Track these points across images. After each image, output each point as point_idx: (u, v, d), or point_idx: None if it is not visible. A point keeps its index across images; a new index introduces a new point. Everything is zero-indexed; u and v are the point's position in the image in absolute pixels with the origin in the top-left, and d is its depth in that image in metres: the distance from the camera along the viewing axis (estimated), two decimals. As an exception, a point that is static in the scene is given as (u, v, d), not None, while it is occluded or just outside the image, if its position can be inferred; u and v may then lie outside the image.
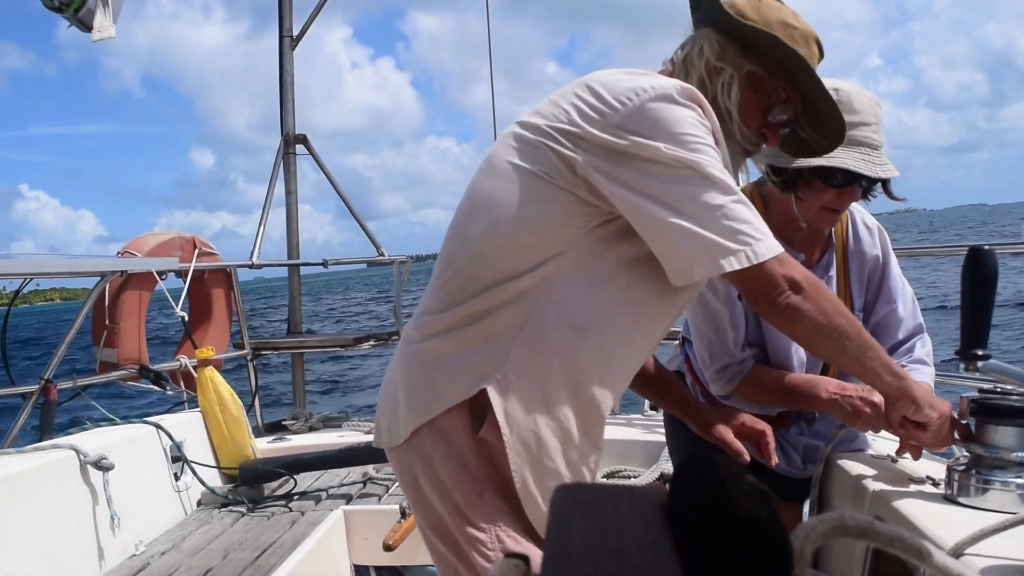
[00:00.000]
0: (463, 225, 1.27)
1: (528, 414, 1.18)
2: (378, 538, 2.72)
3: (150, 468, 2.78)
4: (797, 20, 1.31)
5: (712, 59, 1.29)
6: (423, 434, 1.22)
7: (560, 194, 1.17)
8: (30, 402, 2.82)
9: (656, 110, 1.14)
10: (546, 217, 1.18)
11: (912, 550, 0.49)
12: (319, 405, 10.18)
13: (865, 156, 1.58)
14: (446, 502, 1.22)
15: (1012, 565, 1.08)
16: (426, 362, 1.24)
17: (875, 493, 1.53)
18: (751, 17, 1.28)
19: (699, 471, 0.46)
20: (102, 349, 4.30)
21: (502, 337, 1.20)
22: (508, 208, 1.20)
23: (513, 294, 1.19)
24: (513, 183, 1.20)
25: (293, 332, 4.73)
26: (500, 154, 1.24)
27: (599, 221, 1.19)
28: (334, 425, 3.86)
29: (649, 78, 1.18)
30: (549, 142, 1.18)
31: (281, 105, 4.72)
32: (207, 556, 2.47)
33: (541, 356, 1.19)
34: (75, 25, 3.67)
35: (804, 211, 1.68)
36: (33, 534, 2.11)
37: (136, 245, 4.50)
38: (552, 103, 1.22)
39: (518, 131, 1.24)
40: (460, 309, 1.22)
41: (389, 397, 1.30)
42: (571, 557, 0.38)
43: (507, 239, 1.20)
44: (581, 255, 1.20)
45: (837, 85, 1.61)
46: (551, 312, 1.19)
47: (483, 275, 1.21)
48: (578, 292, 1.19)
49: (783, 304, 1.19)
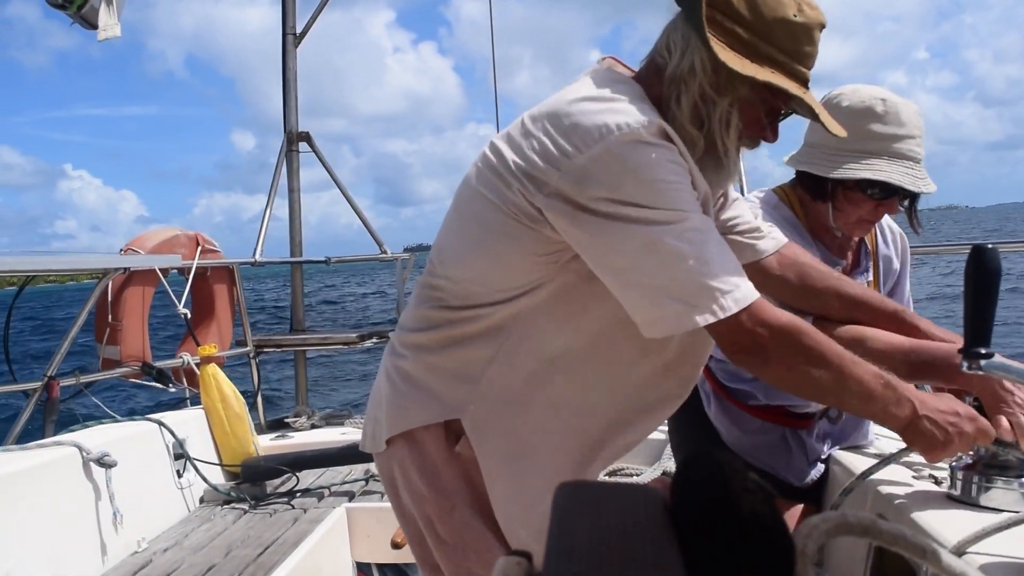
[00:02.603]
0: (443, 246, 1.23)
1: (501, 448, 1.19)
2: (380, 535, 2.73)
3: (153, 465, 2.79)
4: (801, 11, 1.11)
5: (707, 87, 1.12)
6: (400, 444, 1.23)
7: (528, 232, 1.10)
8: (33, 399, 2.83)
9: (623, 156, 1.03)
10: (515, 252, 1.13)
11: (915, 548, 0.49)
12: (321, 402, 10.19)
13: (908, 170, 1.56)
14: (420, 512, 1.23)
15: (1015, 564, 1.08)
16: (402, 379, 1.24)
17: (877, 491, 1.53)
18: (743, 16, 1.10)
19: (702, 469, 0.46)
20: (105, 346, 4.31)
21: (474, 368, 1.18)
22: (476, 238, 1.15)
23: (485, 325, 1.17)
24: (481, 212, 1.14)
25: (296, 330, 4.73)
26: (472, 177, 1.18)
27: (572, 255, 1.12)
28: (336, 422, 3.87)
29: (617, 113, 1.06)
30: (514, 181, 1.09)
31: (284, 102, 4.71)
32: (209, 553, 2.47)
33: (512, 392, 1.18)
34: (78, 23, 3.66)
35: (841, 220, 1.66)
36: (36, 531, 2.11)
37: (139, 242, 4.51)
38: (523, 131, 1.12)
39: (489, 156, 1.15)
40: (433, 333, 1.21)
41: (375, 403, 1.31)
42: (574, 555, 0.38)
43: (477, 268, 1.16)
44: (555, 290, 1.15)
45: (883, 95, 1.58)
46: (524, 346, 1.17)
47: (456, 301, 1.19)
48: (552, 326, 1.16)
49: (753, 357, 1.09)
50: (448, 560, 1.23)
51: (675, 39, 1.15)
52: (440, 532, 1.21)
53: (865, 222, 1.66)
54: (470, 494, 1.21)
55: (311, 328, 4.99)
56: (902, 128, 1.56)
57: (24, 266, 2.86)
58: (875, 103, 1.57)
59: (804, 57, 1.14)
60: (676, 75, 1.13)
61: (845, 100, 1.60)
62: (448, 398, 1.20)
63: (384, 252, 4.72)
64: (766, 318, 1.07)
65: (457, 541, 1.21)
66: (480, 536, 1.20)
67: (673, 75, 1.14)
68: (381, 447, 1.27)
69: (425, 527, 1.23)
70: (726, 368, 1.86)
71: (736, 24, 1.10)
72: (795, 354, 1.09)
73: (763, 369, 1.11)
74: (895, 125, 1.55)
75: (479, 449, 1.19)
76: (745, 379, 1.84)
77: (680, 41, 1.14)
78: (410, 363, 1.24)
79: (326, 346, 4.57)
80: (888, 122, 1.56)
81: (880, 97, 1.58)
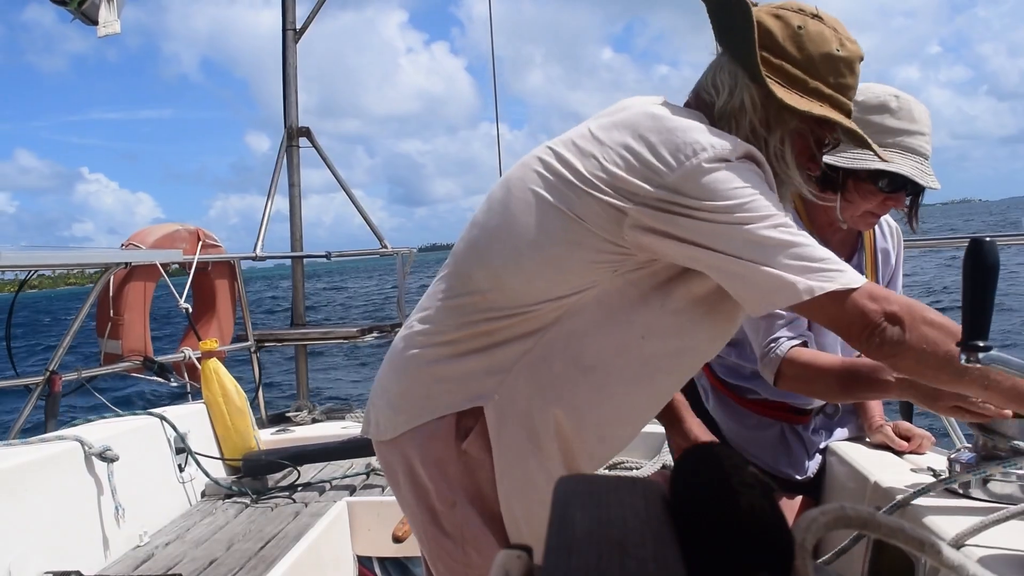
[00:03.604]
0: (484, 246, 1.22)
1: (519, 442, 1.19)
2: (381, 529, 2.74)
3: (154, 459, 2.80)
4: (843, 45, 1.19)
5: (757, 122, 1.18)
6: (408, 436, 1.23)
7: (594, 239, 1.12)
8: (35, 394, 2.83)
9: (713, 171, 1.07)
10: (575, 259, 1.13)
11: (913, 541, 0.49)
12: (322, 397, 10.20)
13: (918, 165, 1.58)
14: (422, 505, 1.24)
15: (1012, 555, 1.09)
16: (425, 369, 1.23)
17: (876, 484, 1.54)
18: (791, 54, 1.16)
19: (701, 463, 0.46)
20: (107, 341, 4.31)
21: (506, 360, 1.18)
22: (533, 242, 1.15)
23: (529, 324, 1.17)
24: (541, 217, 1.15)
25: (296, 324, 4.73)
26: (527, 181, 1.18)
27: (631, 268, 1.14)
28: (337, 417, 3.88)
29: (704, 134, 1.10)
30: (592, 191, 1.11)
31: (284, 98, 4.71)
32: (211, 547, 2.48)
33: (540, 386, 1.17)
34: (79, 19, 3.66)
35: (848, 213, 1.68)
36: (38, 525, 2.12)
37: (140, 237, 4.51)
38: (595, 142, 1.14)
39: (552, 163, 1.16)
40: (471, 329, 1.20)
41: (381, 392, 1.31)
42: (573, 549, 0.38)
43: (529, 272, 1.16)
44: (605, 293, 1.15)
45: (896, 93, 1.61)
46: (560, 343, 1.17)
47: (500, 301, 1.18)
48: (593, 328, 1.16)
49: (879, 340, 1.09)
50: (443, 555, 1.23)
51: (722, 78, 1.20)
52: (442, 524, 1.22)
53: (871, 215, 1.67)
54: (472, 491, 1.21)
55: (312, 322, 5.00)
56: (914, 124, 1.59)
57: (26, 260, 2.87)
58: (889, 99, 1.61)
59: (847, 89, 1.21)
60: (726, 112, 1.19)
61: (860, 96, 1.61)
62: (473, 388, 1.19)
63: (384, 246, 4.72)
64: (889, 299, 1.09)
65: (458, 535, 1.21)
66: (480, 532, 1.20)
67: (723, 112, 1.19)
68: (385, 437, 1.27)
69: (426, 519, 1.24)
70: (724, 363, 1.87)
71: (785, 61, 1.17)
72: (929, 327, 1.09)
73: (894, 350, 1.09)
74: (907, 121, 1.58)
75: (496, 441, 1.18)
76: (743, 375, 1.84)
77: (728, 79, 1.19)
78: (438, 353, 1.22)
79: (327, 340, 4.57)
80: (901, 117, 1.59)
81: (893, 94, 1.61)
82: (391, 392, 1.27)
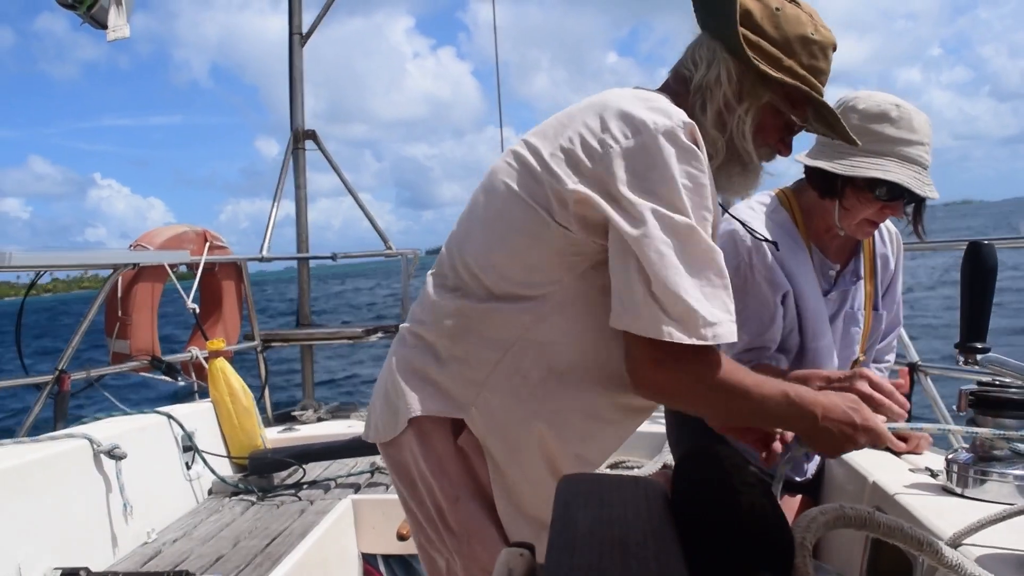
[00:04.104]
0: (461, 241, 1.26)
1: (502, 453, 1.22)
2: (386, 527, 2.75)
3: (162, 457, 2.82)
4: (817, 30, 1.23)
5: (731, 95, 1.21)
6: (408, 435, 1.25)
7: (552, 229, 1.13)
8: (44, 392, 2.85)
9: (660, 149, 1.08)
10: (537, 252, 1.15)
11: (911, 540, 0.50)
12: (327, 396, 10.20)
13: (916, 174, 1.58)
14: (428, 502, 1.26)
15: (1009, 555, 1.10)
16: (411, 371, 1.26)
17: (874, 484, 1.55)
18: (768, 32, 1.20)
19: (702, 463, 0.48)
20: (115, 340, 4.33)
21: (480, 371, 1.20)
22: (501, 234, 1.18)
23: (497, 329, 1.19)
24: (509, 208, 1.18)
25: (302, 324, 4.75)
26: (501, 173, 1.21)
27: (589, 264, 1.15)
28: (342, 415, 3.90)
29: (657, 112, 1.12)
30: (546, 174, 1.14)
31: (291, 101, 4.73)
32: (217, 544, 2.50)
33: (518, 399, 1.19)
34: (88, 23, 3.66)
35: (846, 220, 1.68)
36: (47, 522, 2.14)
37: (148, 238, 4.53)
38: (560, 126, 1.17)
39: (521, 152, 1.19)
40: (443, 328, 1.23)
41: (381, 394, 1.33)
42: (576, 547, 0.39)
43: (499, 266, 1.18)
44: (568, 299, 1.17)
45: (897, 102, 1.62)
46: (531, 352, 1.18)
47: (471, 293, 1.21)
48: (561, 336, 1.18)
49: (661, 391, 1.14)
50: (455, 549, 1.25)
51: (701, 53, 1.24)
52: (448, 521, 1.24)
53: (869, 223, 1.68)
54: (474, 486, 1.23)
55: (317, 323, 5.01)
56: (914, 134, 1.60)
57: (35, 261, 2.88)
58: (890, 108, 1.61)
59: (819, 73, 1.24)
60: (702, 84, 1.23)
61: (861, 103, 1.62)
62: (455, 395, 1.22)
63: (389, 248, 4.73)
64: (715, 367, 1.11)
65: (462, 531, 1.23)
66: (484, 527, 1.22)
67: (699, 84, 1.23)
68: (386, 438, 1.29)
69: (433, 516, 1.25)
70: None
71: (762, 39, 1.21)
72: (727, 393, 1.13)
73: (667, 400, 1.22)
74: (907, 130, 1.58)
75: (484, 447, 1.22)
76: None
77: (706, 54, 1.24)
78: (420, 355, 1.25)
79: (332, 340, 4.58)
80: (901, 127, 1.59)
81: (895, 103, 1.61)
82: (389, 392, 1.29)
